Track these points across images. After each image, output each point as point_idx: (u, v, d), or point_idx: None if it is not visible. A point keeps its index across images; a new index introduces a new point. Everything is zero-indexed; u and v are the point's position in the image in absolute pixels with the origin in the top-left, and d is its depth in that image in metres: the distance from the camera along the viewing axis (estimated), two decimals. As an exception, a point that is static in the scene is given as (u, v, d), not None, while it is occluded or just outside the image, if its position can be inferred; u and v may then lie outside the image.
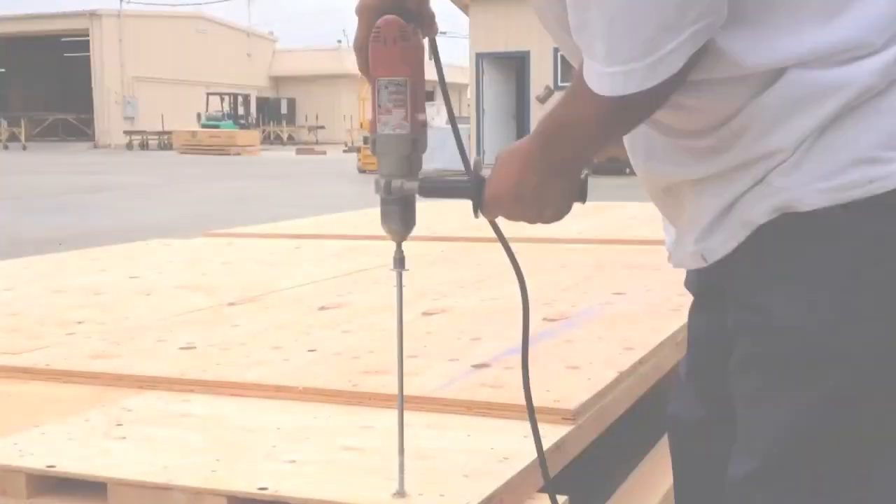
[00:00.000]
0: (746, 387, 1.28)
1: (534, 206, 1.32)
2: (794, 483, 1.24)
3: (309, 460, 1.71)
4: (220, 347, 2.54)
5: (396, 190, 1.42)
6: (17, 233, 9.51)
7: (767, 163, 1.20)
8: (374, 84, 1.38)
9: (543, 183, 1.30)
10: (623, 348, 2.45)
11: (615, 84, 1.14)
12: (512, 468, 1.66)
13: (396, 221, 1.45)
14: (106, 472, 1.67)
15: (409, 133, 1.40)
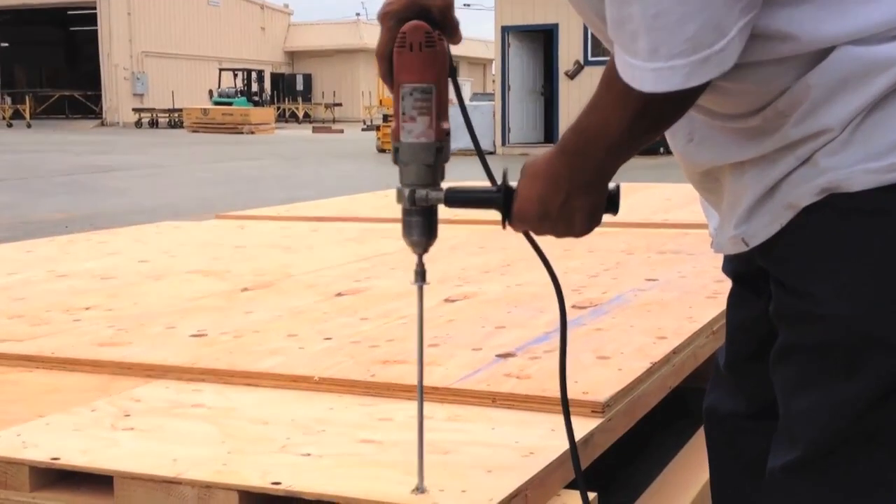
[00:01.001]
0: (788, 375, 1.28)
1: (561, 224, 1.34)
2: (838, 474, 1.24)
3: (325, 454, 1.71)
4: (232, 335, 2.55)
5: (421, 200, 1.42)
6: (22, 214, 9.58)
7: (814, 143, 1.20)
8: (398, 91, 1.39)
9: (570, 201, 1.32)
10: (656, 337, 2.44)
11: (659, 80, 1.14)
12: (538, 463, 1.65)
13: (418, 233, 1.45)
14: (112, 464, 1.68)
15: (433, 141, 1.41)
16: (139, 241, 4.46)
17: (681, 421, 3.00)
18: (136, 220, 7.36)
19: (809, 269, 1.23)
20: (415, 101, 1.39)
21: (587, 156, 1.29)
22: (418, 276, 1.49)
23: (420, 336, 1.51)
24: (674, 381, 2.37)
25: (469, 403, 1.99)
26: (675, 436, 2.88)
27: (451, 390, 2.02)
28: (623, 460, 2.75)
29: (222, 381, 2.18)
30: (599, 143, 1.27)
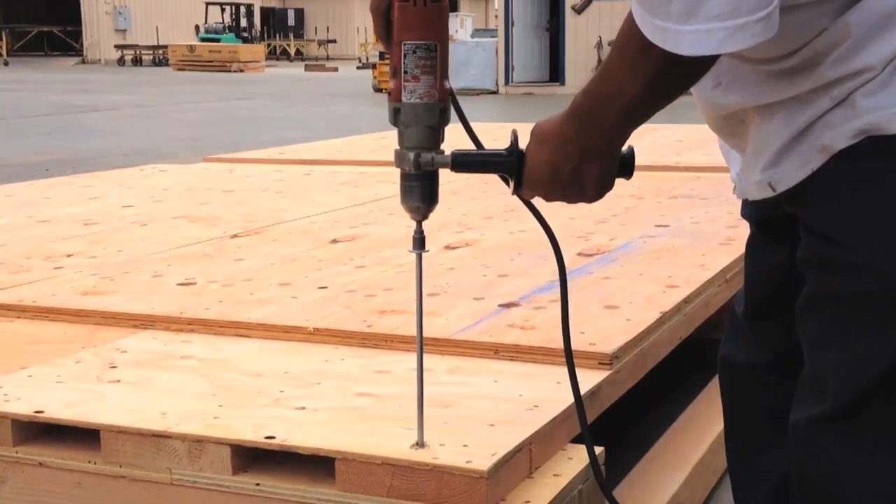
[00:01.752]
0: (817, 325, 1.28)
1: (573, 190, 1.35)
2: (867, 427, 1.25)
3: (320, 407, 1.72)
4: (222, 284, 2.55)
5: (427, 164, 1.41)
6: (0, 157, 9.55)
7: (851, 82, 1.19)
8: (399, 49, 1.37)
9: (581, 168, 1.32)
10: (666, 286, 2.45)
11: (696, 42, 1.14)
12: (542, 417, 1.66)
13: (419, 198, 1.44)
14: (99, 418, 1.69)
15: (437, 102, 1.40)
16: (123, 185, 4.45)
17: (692, 373, 3.01)
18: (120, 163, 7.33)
19: (843, 215, 1.22)
20: (418, 60, 1.37)
21: (599, 121, 1.29)
22: (417, 244, 1.48)
23: (419, 306, 1.50)
24: (685, 332, 2.38)
25: (471, 355, 1.99)
26: (686, 388, 2.90)
27: (452, 342, 2.02)
28: (632, 414, 2.77)
29: (212, 332, 2.19)
30: (612, 107, 1.27)
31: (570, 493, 1.57)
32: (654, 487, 2.16)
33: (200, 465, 1.60)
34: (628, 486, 2.15)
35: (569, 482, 1.57)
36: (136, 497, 1.65)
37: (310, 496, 1.54)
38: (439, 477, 1.47)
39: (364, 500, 1.51)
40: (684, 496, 2.21)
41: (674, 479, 2.21)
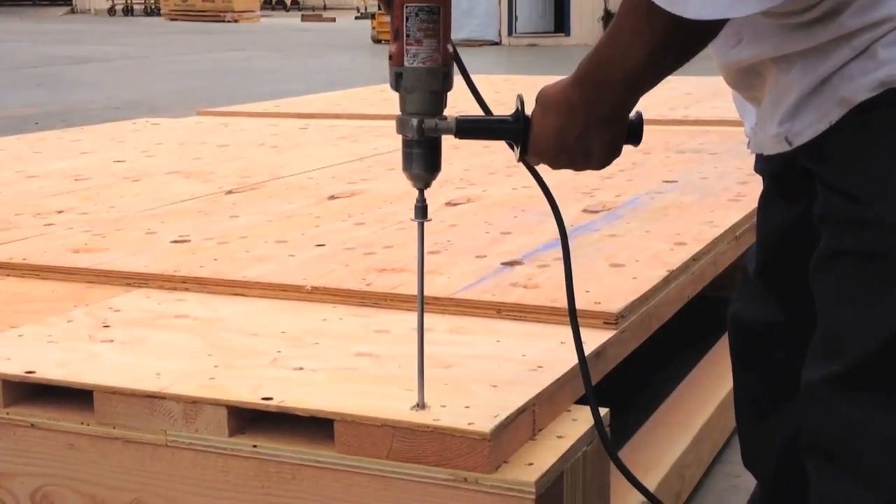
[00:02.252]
0: (833, 283, 1.28)
1: (579, 158, 1.35)
2: (885, 387, 1.25)
3: (318, 368, 1.72)
4: (217, 241, 2.55)
5: (430, 130, 1.41)
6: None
7: (873, 33, 1.18)
8: (401, 11, 1.36)
9: (587, 136, 1.32)
10: (674, 244, 2.44)
11: (704, 6, 1.13)
12: (546, 378, 1.66)
13: (421, 166, 1.44)
14: (92, 378, 1.69)
15: (440, 66, 1.39)
16: (115, 140, 4.44)
17: (699, 333, 3.02)
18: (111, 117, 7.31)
19: (862, 169, 1.22)
20: (421, 23, 1.36)
21: (605, 88, 1.29)
22: (419, 212, 1.48)
23: (420, 276, 1.50)
24: (692, 290, 2.38)
25: (473, 314, 2.00)
26: (692, 349, 2.91)
27: (454, 300, 2.03)
28: (637, 375, 2.78)
29: (207, 291, 2.19)
30: (618, 74, 1.26)
31: (574, 455, 1.58)
32: (659, 449, 2.17)
33: (196, 426, 1.61)
34: (633, 448, 2.16)
35: (573, 444, 1.58)
36: (131, 459, 1.65)
37: (308, 458, 1.55)
38: (440, 439, 1.47)
39: (363, 462, 1.52)
40: (690, 458, 2.22)
41: (679, 441, 2.22)
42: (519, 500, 1.45)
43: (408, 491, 1.50)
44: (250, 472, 1.58)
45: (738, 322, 1.57)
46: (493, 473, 1.46)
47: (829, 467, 1.31)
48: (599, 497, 1.68)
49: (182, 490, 1.63)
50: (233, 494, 1.60)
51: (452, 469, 1.47)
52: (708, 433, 2.36)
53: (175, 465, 1.63)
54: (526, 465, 1.49)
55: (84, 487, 1.70)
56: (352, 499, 1.53)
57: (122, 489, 1.67)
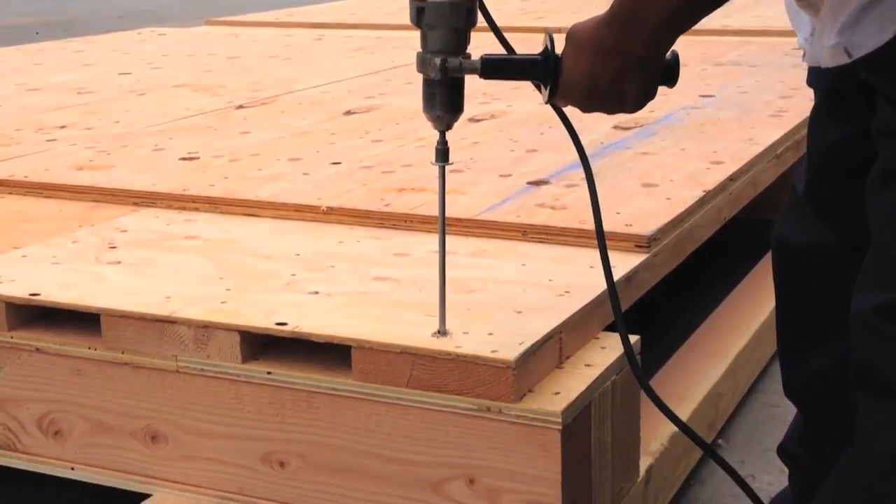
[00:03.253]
0: (888, 204, 1.27)
1: (612, 101, 1.34)
2: None
3: (334, 292, 1.73)
4: (228, 158, 2.55)
5: (454, 70, 1.40)
6: (-15, 20, 9.49)
7: None
8: None
9: (621, 78, 1.31)
10: (710, 162, 2.43)
11: None
12: (574, 303, 1.67)
13: (443, 107, 1.44)
14: (99, 301, 1.71)
15: (464, 1, 1.38)
16: (119, 51, 4.43)
17: (736, 257, 3.02)
18: (115, 27, 7.28)
19: None
20: None
21: (641, 27, 1.27)
22: (440, 156, 1.47)
23: (442, 221, 1.50)
24: (729, 212, 2.37)
25: (497, 237, 2.00)
26: (729, 273, 2.91)
27: (477, 222, 2.03)
28: (671, 301, 2.78)
29: (218, 211, 2.20)
30: (654, 12, 1.25)
31: (602, 384, 1.58)
32: (692, 379, 2.18)
33: (208, 352, 1.62)
34: (665, 377, 2.17)
35: (601, 373, 1.58)
36: (140, 385, 1.68)
37: (324, 386, 1.56)
38: (462, 367, 1.48)
39: (382, 390, 1.53)
40: (725, 387, 2.23)
41: (714, 370, 2.22)
42: (544, 430, 1.46)
43: (427, 420, 1.51)
44: (264, 400, 1.60)
45: (784, 245, 1.56)
46: (517, 403, 1.47)
47: (877, 400, 1.31)
48: (628, 428, 1.70)
49: (194, 417, 1.65)
50: (246, 422, 1.62)
51: (475, 398, 1.48)
52: (744, 361, 2.36)
53: (186, 392, 1.65)
54: (552, 395, 1.50)
55: (92, 414, 1.72)
56: (369, 428, 1.55)
57: (132, 416, 1.70)
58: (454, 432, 1.50)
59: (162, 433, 1.68)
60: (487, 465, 1.50)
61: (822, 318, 1.53)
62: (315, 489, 1.60)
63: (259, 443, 1.62)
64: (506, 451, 1.48)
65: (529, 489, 1.48)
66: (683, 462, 1.99)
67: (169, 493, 1.69)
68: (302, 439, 1.59)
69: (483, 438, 1.49)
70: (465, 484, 1.51)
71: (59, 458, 1.76)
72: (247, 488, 1.65)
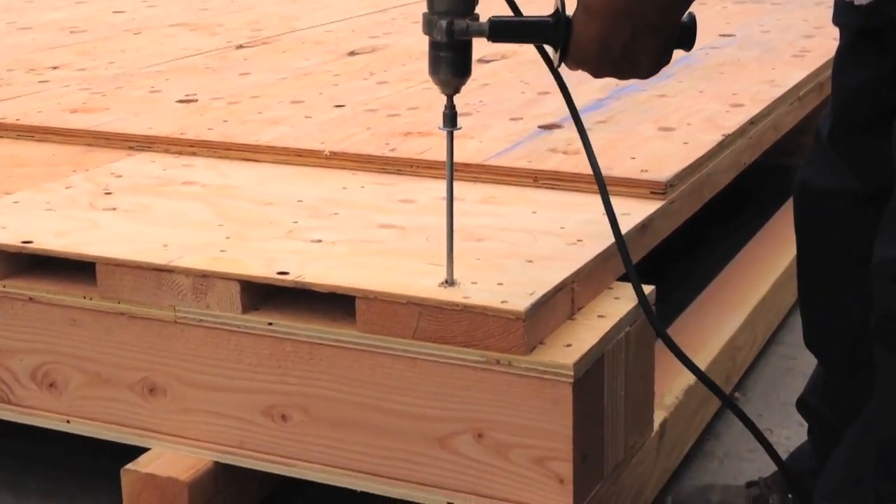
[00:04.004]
0: None
1: (625, 65, 1.33)
2: None
3: (337, 240, 1.73)
4: (227, 101, 2.54)
5: (461, 32, 1.40)
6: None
7: None
8: None
9: (634, 43, 1.30)
10: (730, 105, 2.42)
11: None
12: (586, 252, 1.66)
13: (450, 71, 1.43)
14: (94, 249, 1.71)
15: None
16: (113, -12, 4.40)
17: (756, 204, 3.01)
18: (109, -38, 7.21)
19: None
20: None
21: None
22: (448, 121, 1.47)
23: (449, 187, 1.49)
24: (749, 157, 2.36)
25: (506, 183, 1.99)
26: (748, 221, 2.90)
27: (486, 167, 2.02)
28: (687, 249, 2.78)
29: (216, 155, 2.19)
30: None
31: (616, 336, 1.58)
32: (708, 330, 2.18)
33: (207, 302, 1.62)
34: (680, 329, 2.17)
35: (615, 324, 1.58)
36: (137, 336, 1.68)
37: (327, 337, 1.56)
38: (471, 318, 1.48)
39: (387, 342, 1.53)
40: (742, 339, 2.23)
41: (731, 321, 2.23)
42: (555, 383, 1.46)
43: (434, 373, 1.52)
44: (265, 352, 1.61)
45: (808, 190, 1.55)
46: (527, 355, 1.47)
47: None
48: (642, 381, 1.70)
49: (193, 369, 1.66)
50: (247, 374, 1.63)
51: (483, 350, 1.48)
52: (762, 312, 2.36)
53: (185, 343, 1.65)
54: (563, 347, 1.50)
55: (88, 366, 1.73)
56: (374, 381, 1.55)
57: (129, 368, 1.70)
58: (462, 385, 1.51)
59: (160, 385, 1.69)
60: (496, 420, 1.50)
61: (844, 267, 1.53)
62: (318, 443, 1.61)
63: (260, 395, 1.63)
64: (515, 405, 1.48)
65: (539, 444, 1.49)
66: (699, 416, 1.99)
67: (167, 447, 1.70)
68: (304, 392, 1.60)
69: (492, 392, 1.49)
70: (473, 438, 1.52)
71: (53, 411, 1.77)
72: (248, 442, 1.66)
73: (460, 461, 1.53)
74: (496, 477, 1.52)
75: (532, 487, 1.51)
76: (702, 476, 1.97)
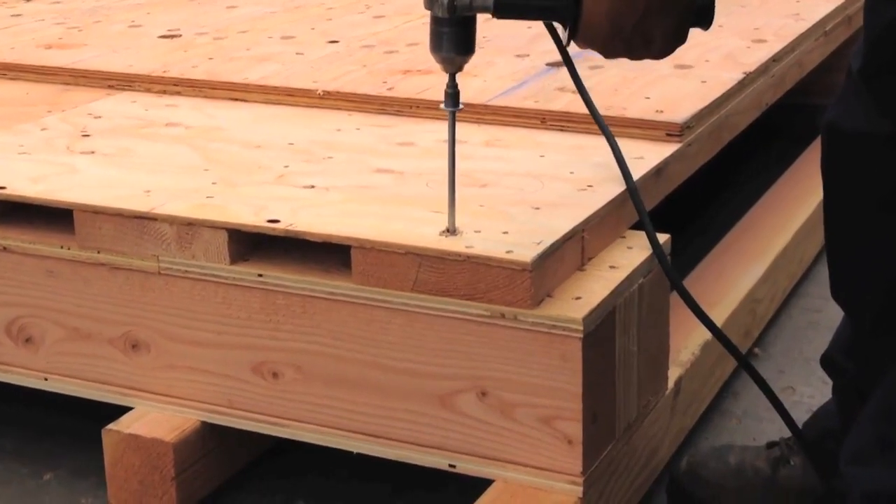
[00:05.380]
0: None
1: (637, 44, 1.33)
2: None
3: (332, 186, 1.73)
4: (212, 36, 2.53)
5: (464, 8, 1.40)
6: None
7: None
8: None
9: (647, 20, 1.30)
10: (751, 40, 2.40)
11: None
12: (597, 198, 1.66)
13: (452, 48, 1.43)
14: (71, 195, 1.70)
15: None
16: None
17: (779, 146, 3.00)
18: None
19: None
20: None
21: None
22: (450, 100, 1.47)
23: (451, 172, 1.50)
24: (772, 97, 2.35)
25: (512, 124, 1.98)
26: (769, 165, 2.89)
27: (490, 108, 2.01)
28: (705, 195, 2.77)
29: (201, 95, 2.19)
30: None
31: (628, 288, 1.58)
32: (727, 281, 2.18)
33: (192, 251, 1.62)
34: (696, 280, 2.17)
35: (628, 275, 1.58)
36: (118, 288, 1.68)
37: (320, 290, 1.56)
38: (474, 269, 1.48)
39: (384, 294, 1.53)
40: (762, 291, 2.23)
41: (751, 272, 2.22)
42: (564, 338, 1.46)
43: (435, 328, 1.52)
44: (255, 305, 1.61)
45: (837, 131, 1.55)
46: (534, 309, 1.47)
47: None
48: (656, 336, 1.70)
49: (178, 323, 1.66)
50: (235, 329, 1.63)
51: (487, 304, 1.48)
52: (784, 262, 2.36)
53: (169, 296, 1.65)
54: (573, 300, 1.50)
55: (66, 319, 1.73)
56: (371, 336, 1.55)
57: (110, 322, 1.70)
58: (464, 341, 1.51)
59: (143, 341, 1.69)
60: (501, 377, 1.50)
61: (874, 214, 1.52)
62: (312, 402, 1.62)
63: (250, 351, 1.63)
64: (521, 362, 1.49)
65: (547, 403, 1.49)
66: (716, 373, 2.00)
67: (152, 406, 1.71)
68: (297, 348, 1.60)
69: (496, 348, 1.49)
70: (477, 397, 1.52)
71: (30, 368, 1.78)
72: (237, 401, 1.66)
73: (463, 421, 1.54)
74: (501, 437, 1.53)
75: (538, 449, 1.51)
76: (719, 436, 1.97)
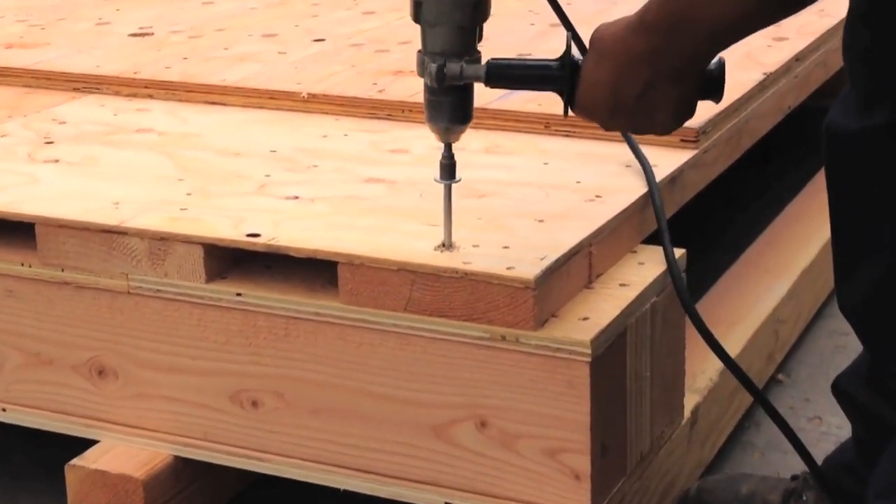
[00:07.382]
0: None
1: (639, 118, 1.35)
2: None
3: (317, 197, 1.73)
4: (187, 34, 2.53)
5: (454, 78, 1.41)
6: None
7: None
8: None
9: (651, 92, 1.31)
10: (772, 39, 2.41)
11: None
12: (606, 210, 1.66)
13: (447, 118, 1.45)
14: (33, 208, 1.70)
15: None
16: None
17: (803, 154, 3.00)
18: None
19: None
20: None
21: (682, 39, 1.27)
22: (445, 172, 1.49)
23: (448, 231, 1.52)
24: (794, 100, 2.36)
25: (514, 129, 1.99)
26: (793, 174, 2.89)
27: (490, 112, 2.01)
28: (725, 205, 2.77)
29: (176, 98, 2.19)
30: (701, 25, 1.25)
31: (640, 308, 1.58)
32: (747, 300, 2.18)
33: (165, 269, 1.62)
34: (715, 299, 2.17)
35: (639, 293, 1.58)
36: (84, 309, 1.68)
37: (305, 310, 1.56)
38: (472, 287, 1.48)
39: (375, 315, 1.53)
40: (787, 311, 2.23)
41: (774, 290, 2.23)
42: (570, 362, 1.46)
43: (430, 351, 1.52)
44: (233, 327, 1.61)
45: (833, 133, 1.55)
46: (537, 331, 1.47)
47: None
48: (671, 360, 1.70)
49: (149, 348, 1.66)
50: (212, 353, 1.63)
51: (487, 325, 1.48)
52: (809, 281, 2.36)
53: (140, 318, 1.65)
54: (579, 321, 1.50)
55: (27, 344, 1.73)
56: (360, 360, 1.55)
57: (75, 346, 1.70)
58: (462, 366, 1.51)
59: (110, 367, 1.69)
60: (501, 406, 1.50)
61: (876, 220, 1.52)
62: (295, 433, 1.61)
63: (227, 378, 1.63)
64: (524, 389, 1.48)
65: (552, 434, 1.49)
66: (736, 401, 2.00)
67: (119, 439, 1.71)
68: (279, 374, 1.60)
69: (496, 373, 1.49)
70: (475, 427, 1.52)
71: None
72: (213, 433, 1.66)
73: (460, 454, 1.54)
74: (501, 472, 1.52)
75: (543, 484, 1.51)
76: (740, 471, 1.97)
